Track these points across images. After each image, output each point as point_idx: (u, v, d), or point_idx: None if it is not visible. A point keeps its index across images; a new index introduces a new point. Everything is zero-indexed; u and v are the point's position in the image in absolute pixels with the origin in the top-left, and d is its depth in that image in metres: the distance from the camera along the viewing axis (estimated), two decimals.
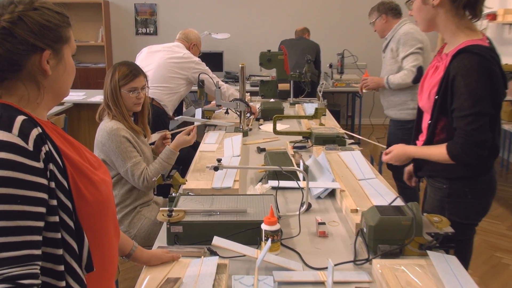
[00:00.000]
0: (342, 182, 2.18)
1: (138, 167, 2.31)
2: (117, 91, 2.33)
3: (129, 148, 2.29)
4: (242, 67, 3.27)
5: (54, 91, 1.10)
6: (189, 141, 2.52)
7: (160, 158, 2.41)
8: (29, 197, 0.94)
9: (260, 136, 3.26)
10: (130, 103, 2.37)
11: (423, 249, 1.54)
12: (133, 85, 2.36)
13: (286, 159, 2.40)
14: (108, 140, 2.27)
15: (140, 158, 2.33)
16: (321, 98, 3.35)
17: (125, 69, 2.36)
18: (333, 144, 2.80)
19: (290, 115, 3.55)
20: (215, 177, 2.27)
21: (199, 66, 3.70)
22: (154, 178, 2.08)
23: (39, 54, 1.04)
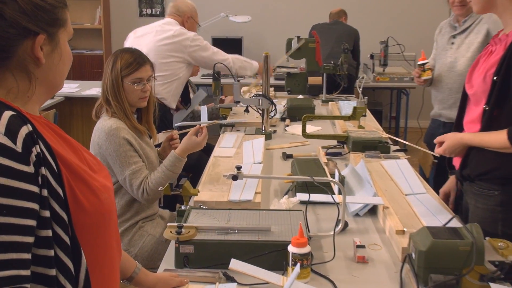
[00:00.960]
0: (386, 197, 2.16)
1: (138, 176, 2.32)
2: (118, 82, 2.36)
3: (129, 153, 2.31)
4: (266, 56, 3.28)
5: (47, 83, 1.12)
6: (199, 144, 2.47)
7: (163, 165, 2.40)
8: (16, 207, 0.96)
9: (286, 139, 3.26)
10: (134, 97, 2.40)
11: (484, 280, 1.52)
12: (138, 75, 2.39)
13: (318, 168, 2.39)
14: (105, 142, 2.30)
15: (141, 165, 2.34)
16: (360, 95, 3.34)
17: (128, 57, 2.39)
18: (375, 151, 2.79)
19: (323, 115, 3.55)
20: (233, 187, 2.27)
21: (195, 42, 3.68)
22: (160, 188, 2.09)
23: (32, 39, 1.06)
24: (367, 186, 2.21)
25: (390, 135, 3.26)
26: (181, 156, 2.42)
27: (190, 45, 3.66)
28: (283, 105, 4.01)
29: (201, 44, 3.72)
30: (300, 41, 4.33)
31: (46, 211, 1.00)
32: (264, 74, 3.30)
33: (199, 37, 3.73)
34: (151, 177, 2.36)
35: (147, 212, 2.47)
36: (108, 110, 2.38)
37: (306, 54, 4.50)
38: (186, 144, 2.45)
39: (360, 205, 2.11)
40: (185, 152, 2.45)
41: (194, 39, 3.69)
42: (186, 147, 2.44)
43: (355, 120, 3.20)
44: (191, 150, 2.47)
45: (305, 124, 2.96)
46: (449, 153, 2.09)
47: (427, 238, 1.57)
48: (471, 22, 3.36)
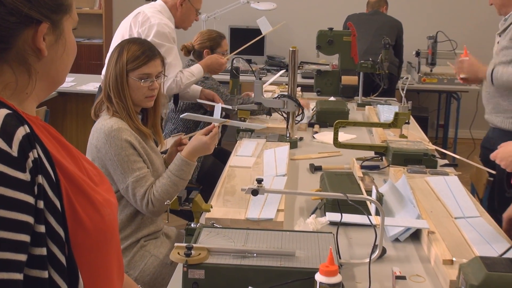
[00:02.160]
0: (431, 219, 2.16)
1: (142, 184, 2.35)
2: (123, 77, 2.39)
3: (133, 157, 2.34)
4: (293, 51, 3.29)
5: (48, 78, 1.15)
6: (206, 144, 2.44)
7: (168, 171, 2.42)
8: (8, 219, 0.97)
9: (314, 148, 3.27)
10: (140, 96, 2.43)
11: None
12: (146, 70, 2.42)
13: (352, 184, 2.40)
14: (105, 144, 2.33)
15: (146, 171, 2.37)
16: (402, 99, 3.33)
17: (136, 48, 2.42)
18: (419, 165, 2.79)
19: (358, 121, 3.55)
20: (251, 204, 2.29)
21: (149, 32, 3.53)
22: (167, 202, 2.11)
23: (34, 28, 1.08)
24: (409, 207, 2.21)
25: (437, 147, 3.25)
26: (188, 158, 2.41)
27: (141, 34, 3.53)
28: (312, 109, 4.02)
29: (158, 40, 3.50)
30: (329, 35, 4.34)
31: (41, 226, 1.01)
32: (290, 71, 3.31)
33: (165, 31, 3.56)
34: (156, 185, 2.37)
35: (150, 228, 2.49)
36: (109, 108, 2.42)
37: (340, 49, 4.51)
38: (192, 145, 2.45)
39: (401, 228, 2.10)
40: (192, 154, 2.43)
41: (151, 27, 3.54)
42: (193, 148, 2.44)
43: (396, 128, 3.20)
44: (199, 152, 2.46)
45: (337, 131, 2.96)
46: (501, 160, 2.09)
47: (480, 270, 1.56)
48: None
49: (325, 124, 3.71)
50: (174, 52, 3.58)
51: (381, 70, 4.31)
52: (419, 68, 5.84)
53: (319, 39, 4.52)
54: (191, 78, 3.64)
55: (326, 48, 4.51)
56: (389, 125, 3.10)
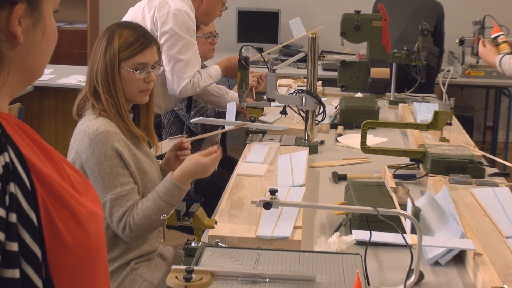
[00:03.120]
0: (478, 239, 2.14)
1: (122, 204, 2.34)
2: (114, 68, 2.40)
3: (117, 169, 2.33)
4: (313, 38, 3.29)
5: (24, 69, 1.15)
6: (206, 168, 2.45)
7: (155, 192, 2.40)
8: None
9: (337, 153, 3.28)
10: (134, 90, 2.44)
11: None
12: (142, 59, 2.43)
13: (383, 196, 2.39)
14: (87, 150, 2.33)
15: (129, 189, 2.36)
16: (444, 95, 3.32)
17: (129, 34, 2.43)
18: (463, 174, 2.78)
19: (390, 122, 3.54)
20: (263, 219, 2.29)
21: (169, 20, 3.53)
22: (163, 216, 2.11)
23: (8, 9, 1.08)
24: (451, 224, 2.20)
25: (485, 153, 3.23)
26: (180, 182, 2.40)
27: (158, 21, 3.55)
28: (335, 107, 4.02)
29: (177, 30, 3.55)
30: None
31: (13, 244, 1.01)
32: (309, 62, 3.31)
33: (187, 21, 3.57)
34: (138, 207, 2.36)
35: (142, 248, 2.50)
36: (95, 106, 2.42)
37: (369, 36, 4.50)
38: (188, 167, 2.43)
39: (442, 249, 2.09)
40: (187, 177, 2.43)
41: (171, 14, 3.54)
42: (189, 170, 2.43)
43: (436, 130, 3.19)
44: (195, 175, 2.47)
45: (365, 134, 2.96)
46: None
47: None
48: None
49: (350, 125, 3.71)
50: (194, 48, 3.62)
51: (418, 61, 4.30)
52: (463, 59, 5.83)
53: (343, 24, 4.52)
54: (208, 81, 3.69)
55: (352, 34, 4.50)
56: (427, 127, 3.09)
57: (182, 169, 2.44)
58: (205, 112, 3.95)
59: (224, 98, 3.99)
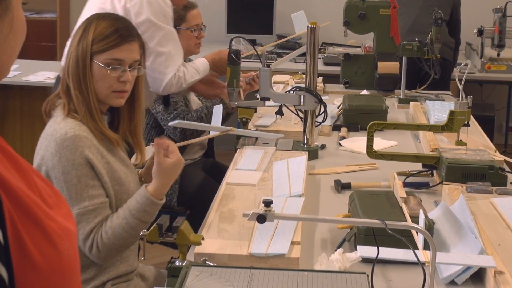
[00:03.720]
0: (499, 255, 2.14)
1: (90, 220, 2.31)
2: (86, 61, 2.39)
3: (85, 180, 2.32)
4: (312, 28, 3.30)
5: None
6: (173, 168, 2.40)
7: (127, 209, 2.37)
8: None
9: (340, 159, 3.29)
10: (105, 89, 2.42)
11: None
12: (117, 54, 2.41)
13: (392, 207, 2.39)
14: (53, 156, 2.32)
15: (99, 203, 2.34)
16: (460, 93, 3.33)
17: (106, 25, 2.41)
18: (482, 182, 2.78)
19: (399, 123, 3.54)
20: (257, 234, 2.29)
21: (142, 11, 3.48)
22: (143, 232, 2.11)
23: None
24: (469, 238, 2.20)
25: (507, 157, 3.24)
26: (155, 196, 2.38)
27: (129, 11, 3.46)
28: (338, 106, 4.02)
29: (154, 20, 3.49)
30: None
31: None
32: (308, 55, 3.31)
33: (164, 7, 3.53)
34: (108, 224, 2.34)
35: (120, 268, 2.48)
36: (64, 105, 2.41)
37: (375, 25, 4.52)
38: (159, 176, 2.40)
39: (458, 267, 2.09)
40: (161, 188, 2.41)
41: (145, 2, 3.47)
42: (160, 179, 2.40)
43: (451, 132, 3.20)
44: (167, 183, 2.43)
45: (372, 137, 2.96)
46: None
47: None
48: None
49: (355, 127, 3.72)
50: (174, 37, 3.58)
51: (431, 54, 4.32)
52: (482, 52, 5.82)
53: (347, 12, 4.54)
54: (195, 76, 3.67)
55: (356, 24, 4.53)
56: (442, 128, 3.09)
57: (155, 181, 2.42)
58: (186, 116, 3.86)
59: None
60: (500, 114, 6.91)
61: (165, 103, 3.81)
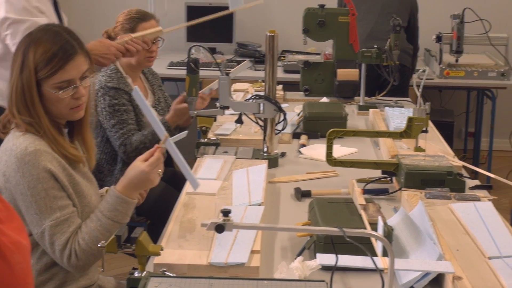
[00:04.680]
0: (457, 261, 2.17)
1: (64, 230, 2.29)
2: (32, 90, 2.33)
3: (53, 192, 2.30)
4: (271, 36, 3.30)
5: None
6: (145, 174, 2.36)
7: (99, 211, 2.37)
8: None
9: (300, 167, 3.30)
10: (63, 109, 2.38)
11: None
12: (64, 76, 2.35)
13: (351, 214, 2.41)
14: (16, 173, 2.30)
15: (70, 212, 2.33)
16: (418, 99, 3.36)
17: (45, 50, 2.33)
18: (441, 188, 2.81)
19: (359, 130, 3.56)
20: (217, 243, 2.29)
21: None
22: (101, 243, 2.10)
23: None
24: (427, 244, 2.22)
25: (466, 163, 3.27)
26: (125, 194, 2.36)
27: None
28: (298, 113, 4.03)
29: (14, 16, 3.49)
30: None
31: None
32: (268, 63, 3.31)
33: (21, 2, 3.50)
34: (83, 230, 2.33)
35: (79, 282, 2.47)
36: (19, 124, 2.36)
37: (335, 33, 4.54)
38: (131, 176, 2.38)
39: (417, 273, 2.10)
40: (130, 188, 2.38)
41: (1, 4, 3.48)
42: (130, 180, 2.38)
43: (410, 139, 3.22)
44: (138, 185, 2.40)
45: (331, 144, 2.98)
46: None
47: None
48: None
49: (315, 134, 3.74)
50: None
51: (390, 61, 4.33)
52: (440, 58, 5.89)
53: (306, 20, 4.55)
54: None
55: (316, 32, 4.54)
56: (400, 135, 3.11)
57: (124, 180, 2.39)
58: (130, 138, 3.70)
59: None
60: (459, 120, 6.96)
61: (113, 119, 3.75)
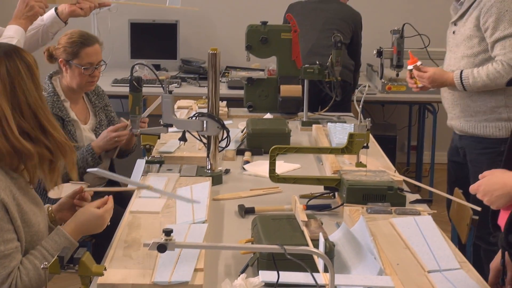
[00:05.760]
0: (398, 275, 2.20)
1: (6, 264, 2.24)
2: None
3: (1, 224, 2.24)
4: (213, 54, 3.31)
5: None
6: (101, 220, 2.50)
7: (44, 249, 2.37)
8: None
9: (244, 183, 3.31)
10: None
11: None
12: None
13: (294, 231, 2.41)
14: None
15: (14, 247, 2.29)
16: (359, 115, 3.38)
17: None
18: (382, 203, 2.85)
19: (301, 147, 3.59)
20: (160, 262, 2.28)
21: None
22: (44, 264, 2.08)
23: None
24: (368, 259, 2.24)
25: (407, 177, 3.31)
26: (73, 236, 2.43)
27: None
28: (241, 130, 4.04)
29: None
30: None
31: None
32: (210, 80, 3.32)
33: None
34: (27, 266, 2.30)
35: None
36: None
37: (277, 49, 4.58)
38: (81, 220, 2.46)
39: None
40: (79, 232, 2.47)
41: None
42: (82, 224, 2.47)
43: (352, 154, 3.24)
44: (88, 230, 2.51)
45: (274, 161, 2.99)
46: (483, 195, 2.21)
47: None
48: (470, 2, 3.76)
49: (259, 151, 3.76)
50: None
51: (332, 77, 4.37)
52: (382, 72, 5.90)
53: (249, 36, 4.58)
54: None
55: (259, 48, 4.58)
56: (342, 151, 3.12)
57: (75, 222, 2.47)
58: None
59: (42, 25, 3.75)
60: (401, 134, 7.04)
61: None
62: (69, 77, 3.79)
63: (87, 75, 3.78)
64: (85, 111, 3.95)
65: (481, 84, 3.63)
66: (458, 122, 3.89)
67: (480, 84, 3.63)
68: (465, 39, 3.74)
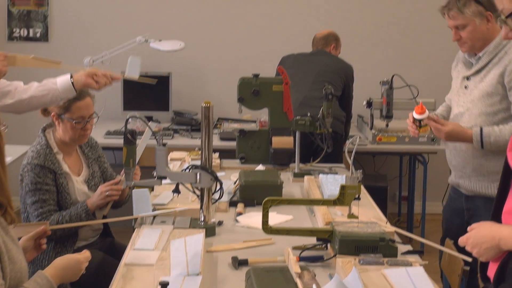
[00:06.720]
0: None
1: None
2: None
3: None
4: (206, 107, 3.34)
5: None
6: (79, 264, 2.55)
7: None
8: None
9: (237, 235, 3.31)
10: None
11: None
12: None
13: (287, 283, 2.43)
14: None
15: (0, 284, 2.32)
16: (351, 167, 3.41)
17: None
18: (374, 254, 2.86)
19: (294, 199, 3.60)
20: None
21: None
22: None
23: None
24: None
25: (398, 228, 3.32)
26: (53, 280, 2.47)
27: None
28: (234, 182, 4.06)
29: None
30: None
31: None
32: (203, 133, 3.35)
33: None
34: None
35: None
36: None
37: (269, 101, 4.61)
38: (63, 265, 2.53)
39: None
40: (60, 276, 2.52)
41: None
42: (63, 268, 2.54)
43: (344, 206, 3.25)
44: (65, 275, 2.55)
45: (267, 212, 3.00)
46: (472, 247, 2.22)
47: None
48: (489, 58, 3.63)
49: (251, 202, 3.77)
50: None
51: (323, 129, 4.40)
52: (372, 123, 5.94)
53: (241, 89, 4.62)
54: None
55: (250, 100, 4.61)
56: (334, 202, 3.14)
57: (54, 267, 2.51)
58: (47, 218, 3.68)
59: (55, 89, 3.76)
60: (392, 184, 7.03)
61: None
62: (61, 131, 3.83)
63: (79, 129, 3.81)
64: (78, 162, 3.98)
65: (503, 143, 3.43)
66: (467, 182, 3.75)
67: (502, 143, 3.46)
68: (483, 95, 3.61)
